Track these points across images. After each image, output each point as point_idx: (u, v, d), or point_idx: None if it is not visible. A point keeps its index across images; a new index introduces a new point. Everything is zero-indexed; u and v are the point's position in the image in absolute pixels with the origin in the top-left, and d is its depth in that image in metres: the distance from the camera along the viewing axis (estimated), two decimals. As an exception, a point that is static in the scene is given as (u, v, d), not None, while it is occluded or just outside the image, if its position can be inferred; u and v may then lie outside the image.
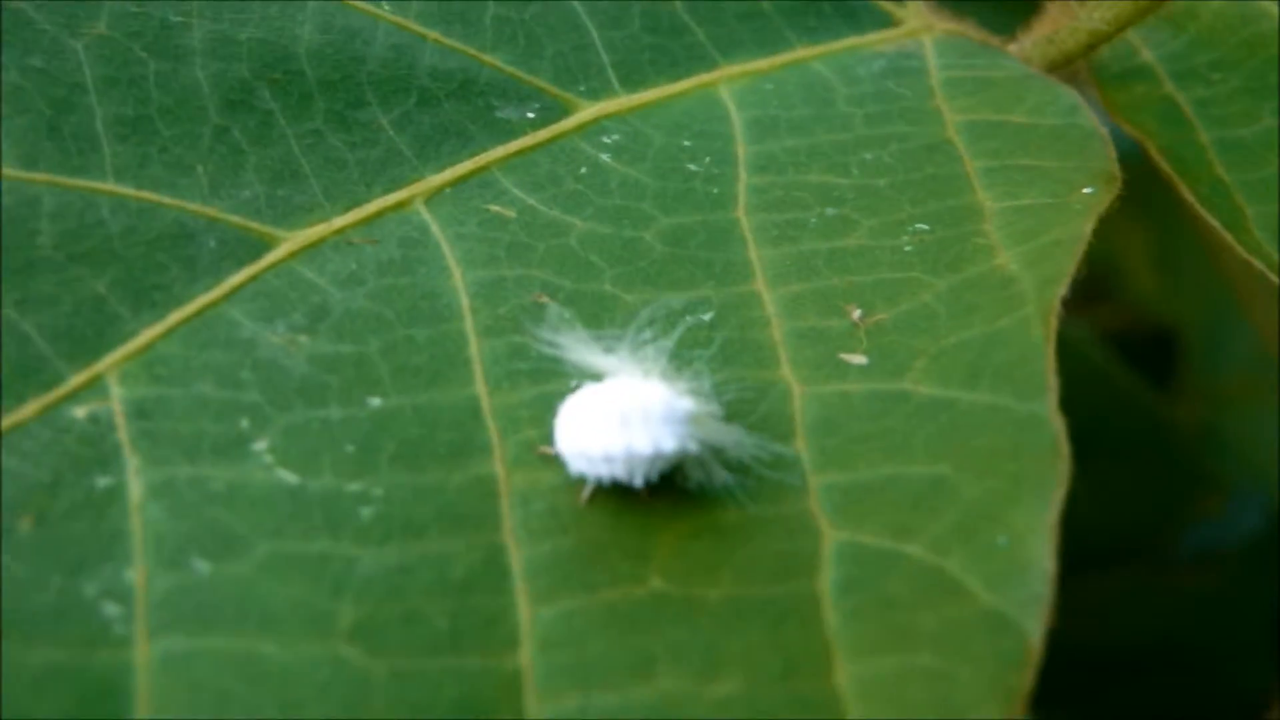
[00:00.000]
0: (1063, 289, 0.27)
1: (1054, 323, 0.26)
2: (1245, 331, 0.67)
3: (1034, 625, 0.23)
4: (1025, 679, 0.23)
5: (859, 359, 0.27)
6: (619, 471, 0.24)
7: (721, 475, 0.25)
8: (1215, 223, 0.32)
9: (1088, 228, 0.28)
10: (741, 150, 0.30)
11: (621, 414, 0.25)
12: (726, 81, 0.31)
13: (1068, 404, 0.66)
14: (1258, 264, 0.32)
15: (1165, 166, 0.32)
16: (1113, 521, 0.62)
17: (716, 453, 0.25)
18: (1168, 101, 0.33)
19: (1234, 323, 0.67)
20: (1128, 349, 0.70)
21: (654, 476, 0.25)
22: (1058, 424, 0.25)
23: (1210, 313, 0.68)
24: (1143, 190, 0.33)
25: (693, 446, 0.25)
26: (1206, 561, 0.61)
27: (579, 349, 0.26)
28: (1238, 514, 0.61)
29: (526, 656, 0.23)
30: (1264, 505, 0.62)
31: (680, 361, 0.26)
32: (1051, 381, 0.25)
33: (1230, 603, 0.61)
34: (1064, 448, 0.25)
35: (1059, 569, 0.69)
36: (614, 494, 0.25)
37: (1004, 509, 0.24)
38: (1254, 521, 0.62)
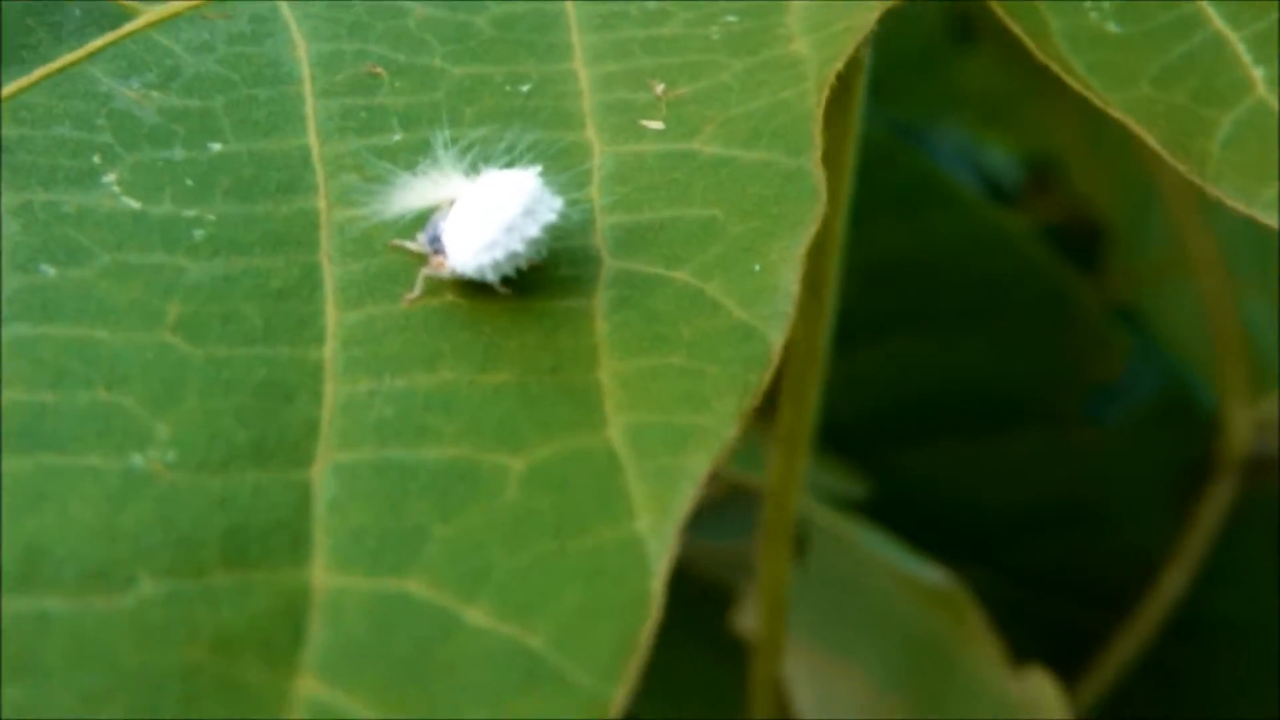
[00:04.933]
0: (839, 64, 0.30)
1: (826, 92, 0.29)
2: (1161, 217, 0.70)
3: (776, 335, 0.26)
4: (764, 377, 0.26)
5: (657, 125, 0.30)
6: (521, 262, 0.27)
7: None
8: (1017, 29, 0.35)
9: (873, 17, 0.31)
10: (579, -49, 0.33)
11: (523, 207, 0.27)
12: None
13: (967, 267, 0.68)
14: (1054, 67, 0.34)
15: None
16: (1012, 384, 0.65)
17: None
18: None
19: (1152, 209, 0.70)
20: (1067, 239, 0.73)
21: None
22: (818, 174, 0.28)
23: (1132, 200, 0.71)
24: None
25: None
26: (1103, 424, 0.64)
27: (413, 189, 0.28)
28: (1135, 380, 0.64)
29: (330, 350, 0.26)
30: (1160, 371, 0.65)
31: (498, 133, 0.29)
32: (817, 140, 0.29)
33: (1126, 463, 0.64)
34: (821, 193, 0.28)
35: (969, 428, 0.70)
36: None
37: (762, 243, 0.27)
38: (1150, 386, 0.65)
